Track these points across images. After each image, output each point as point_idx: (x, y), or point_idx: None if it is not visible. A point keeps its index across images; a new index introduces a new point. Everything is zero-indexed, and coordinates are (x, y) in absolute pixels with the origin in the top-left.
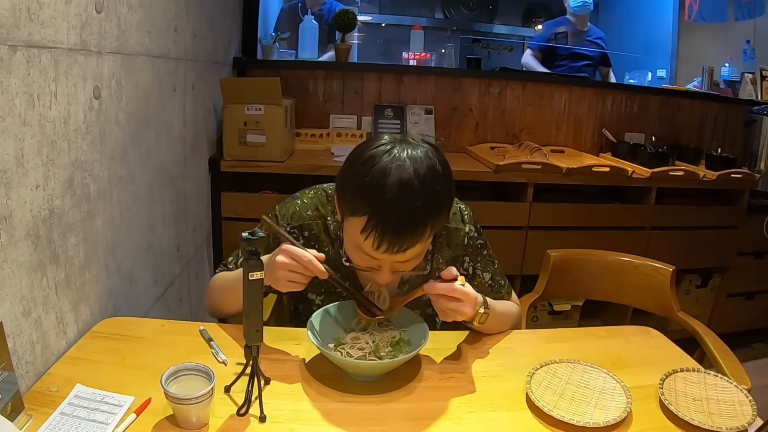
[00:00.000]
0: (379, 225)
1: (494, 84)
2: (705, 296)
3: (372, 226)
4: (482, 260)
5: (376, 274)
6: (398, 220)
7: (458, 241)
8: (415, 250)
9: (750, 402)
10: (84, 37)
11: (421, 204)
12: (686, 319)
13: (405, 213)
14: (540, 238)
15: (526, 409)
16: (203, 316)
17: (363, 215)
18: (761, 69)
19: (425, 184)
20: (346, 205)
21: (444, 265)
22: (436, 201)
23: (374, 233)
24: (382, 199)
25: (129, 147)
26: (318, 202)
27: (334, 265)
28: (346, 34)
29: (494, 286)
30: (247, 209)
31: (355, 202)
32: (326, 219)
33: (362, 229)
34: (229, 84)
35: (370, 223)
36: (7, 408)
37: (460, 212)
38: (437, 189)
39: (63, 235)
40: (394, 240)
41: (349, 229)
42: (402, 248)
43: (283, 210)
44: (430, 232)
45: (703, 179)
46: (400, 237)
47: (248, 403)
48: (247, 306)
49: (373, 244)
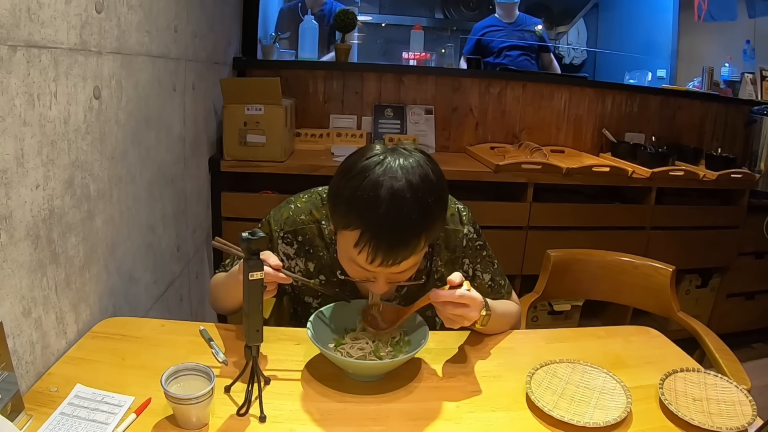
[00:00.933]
0: (372, 240)
1: (494, 84)
2: (705, 296)
3: (365, 241)
4: (482, 261)
5: (372, 285)
6: (392, 234)
7: (457, 243)
8: (409, 261)
9: (750, 402)
10: (84, 37)
11: (415, 217)
12: (686, 319)
13: (398, 226)
14: (540, 238)
15: (526, 409)
16: (203, 316)
17: (356, 229)
18: (761, 69)
19: (418, 196)
20: (338, 219)
21: (443, 267)
22: (430, 213)
23: (368, 247)
24: (374, 214)
25: (129, 147)
26: (312, 206)
27: (329, 270)
28: (346, 34)
29: (494, 286)
30: (247, 209)
31: (348, 216)
32: (320, 223)
33: (355, 243)
34: (229, 84)
35: (363, 237)
36: (7, 408)
37: (459, 213)
38: (430, 201)
39: (63, 235)
40: (388, 254)
41: (343, 242)
42: (396, 261)
43: (276, 215)
44: (424, 243)
45: (703, 179)
46: (394, 250)
47: (248, 403)
48: (247, 306)
49: (367, 258)
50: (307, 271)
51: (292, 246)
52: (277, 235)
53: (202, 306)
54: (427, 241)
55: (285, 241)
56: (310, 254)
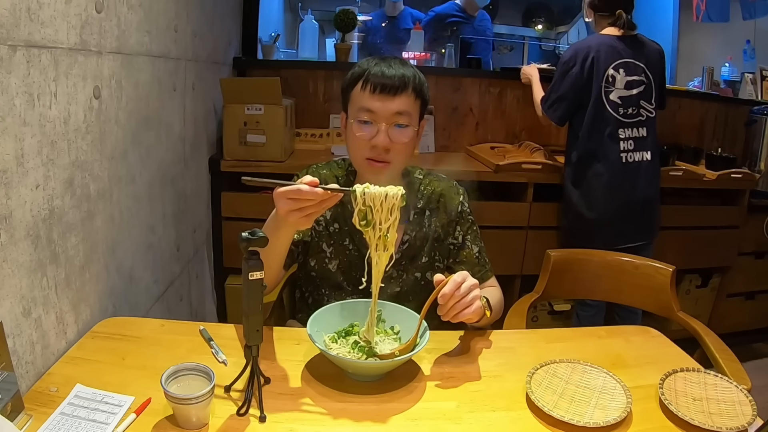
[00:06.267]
0: (372, 75)
1: (494, 84)
2: (705, 296)
3: (367, 76)
4: (472, 234)
5: (376, 136)
6: (387, 67)
7: (453, 208)
8: (403, 102)
9: (750, 402)
10: (84, 37)
11: (402, 63)
12: (686, 319)
13: (392, 69)
14: (540, 238)
15: (526, 409)
16: (203, 316)
17: (359, 76)
18: (761, 69)
19: (406, 64)
20: (348, 91)
21: (440, 229)
22: (416, 71)
23: (369, 82)
24: (373, 65)
25: (129, 147)
26: (330, 167)
27: (342, 219)
28: (346, 34)
29: (480, 260)
30: (247, 209)
31: (354, 79)
32: (338, 178)
33: (361, 85)
34: (229, 84)
35: (366, 78)
36: (7, 408)
37: (456, 186)
38: (416, 69)
39: (63, 235)
40: (385, 84)
41: (353, 104)
42: (393, 91)
43: (302, 173)
44: (412, 91)
45: (704, 179)
46: (389, 80)
47: (248, 403)
48: (247, 306)
49: (371, 89)
50: (323, 217)
51: None
52: None
53: (202, 306)
54: (415, 92)
55: None
56: None
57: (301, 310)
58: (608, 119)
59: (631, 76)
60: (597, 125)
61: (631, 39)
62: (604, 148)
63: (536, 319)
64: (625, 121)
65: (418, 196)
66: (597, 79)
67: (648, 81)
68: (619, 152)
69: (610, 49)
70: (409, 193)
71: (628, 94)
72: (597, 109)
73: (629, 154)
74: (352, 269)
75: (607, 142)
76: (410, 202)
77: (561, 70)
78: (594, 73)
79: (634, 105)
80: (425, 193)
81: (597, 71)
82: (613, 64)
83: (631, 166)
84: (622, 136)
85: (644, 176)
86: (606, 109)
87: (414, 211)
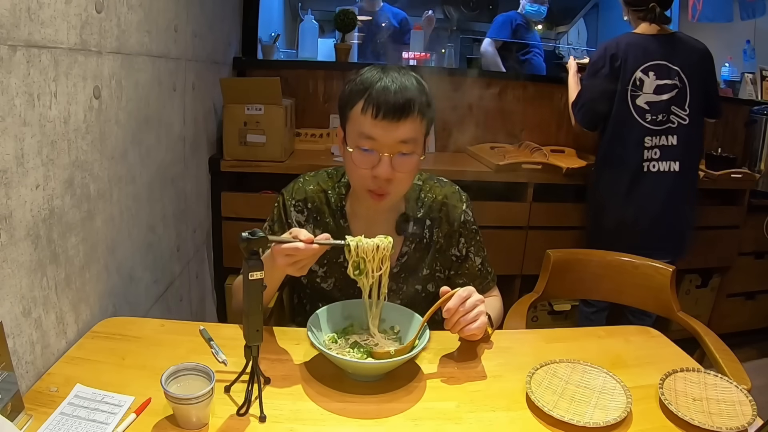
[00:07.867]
0: (374, 98)
1: (494, 84)
2: (705, 296)
3: (370, 100)
4: (475, 244)
5: (378, 167)
6: (391, 92)
7: (455, 218)
8: (408, 129)
9: (750, 402)
10: (84, 37)
11: (408, 83)
12: (686, 319)
13: (396, 83)
14: (540, 238)
15: (526, 409)
16: (203, 316)
17: (361, 98)
18: (761, 69)
19: (409, 74)
20: (347, 109)
21: (443, 239)
22: (421, 85)
23: (372, 105)
24: (375, 82)
25: (129, 147)
26: (319, 179)
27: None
28: (346, 34)
29: (483, 271)
30: (247, 209)
31: (353, 97)
32: (327, 192)
33: (362, 108)
34: (229, 84)
35: (367, 99)
36: (7, 408)
37: (459, 193)
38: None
39: (63, 235)
40: (389, 108)
41: (352, 126)
42: (397, 117)
43: (288, 189)
44: (418, 113)
45: (704, 179)
46: (393, 105)
47: (248, 403)
48: (247, 306)
49: (373, 113)
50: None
51: (303, 213)
52: (290, 203)
53: (202, 306)
54: (421, 113)
55: (296, 209)
56: (318, 221)
57: (300, 314)
58: (633, 126)
59: (662, 80)
60: (621, 131)
61: (667, 38)
62: (626, 154)
63: (536, 319)
64: (653, 129)
65: (419, 204)
66: (623, 82)
67: (682, 85)
68: (641, 160)
69: (640, 50)
70: (409, 202)
71: (657, 100)
72: (622, 115)
73: (652, 163)
74: (348, 287)
75: (630, 148)
76: (410, 211)
77: (590, 71)
78: (621, 75)
79: (663, 111)
80: (426, 201)
81: (624, 74)
82: (642, 67)
83: (653, 175)
84: (647, 145)
85: (668, 188)
86: (632, 115)
87: (413, 221)
